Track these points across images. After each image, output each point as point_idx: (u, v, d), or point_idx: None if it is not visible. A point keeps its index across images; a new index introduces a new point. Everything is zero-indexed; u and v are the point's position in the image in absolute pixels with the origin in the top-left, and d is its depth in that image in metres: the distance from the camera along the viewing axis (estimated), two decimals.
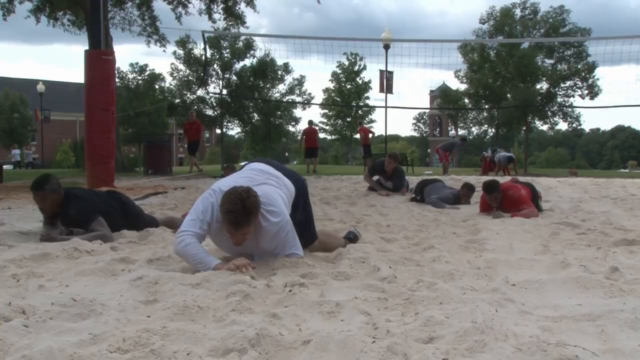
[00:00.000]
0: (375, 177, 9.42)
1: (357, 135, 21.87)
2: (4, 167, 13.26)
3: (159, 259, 3.38)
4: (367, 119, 48.59)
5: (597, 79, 36.85)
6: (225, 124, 45.71)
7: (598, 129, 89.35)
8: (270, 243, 3.24)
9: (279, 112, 45.10)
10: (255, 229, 3.09)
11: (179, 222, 5.11)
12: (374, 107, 47.14)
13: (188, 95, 44.09)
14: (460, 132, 46.03)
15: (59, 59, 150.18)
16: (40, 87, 38.60)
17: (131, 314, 2.30)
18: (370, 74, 47.63)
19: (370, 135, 22.30)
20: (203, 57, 35.37)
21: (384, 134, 26.15)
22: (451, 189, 7.81)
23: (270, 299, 2.55)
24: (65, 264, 3.41)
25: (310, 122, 21.73)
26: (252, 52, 41.87)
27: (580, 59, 36.95)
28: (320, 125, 46.91)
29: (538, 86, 38.49)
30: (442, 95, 45.35)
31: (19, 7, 18.50)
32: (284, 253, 3.27)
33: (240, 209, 2.86)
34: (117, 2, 19.28)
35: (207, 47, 20.06)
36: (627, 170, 40.75)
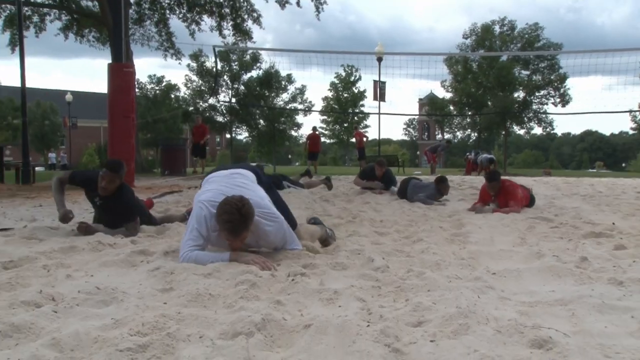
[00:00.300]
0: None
1: (353, 139, 21.76)
2: (36, 168, 13.24)
3: (174, 251, 3.38)
4: (362, 124, 48.55)
5: (568, 88, 37.64)
6: (234, 129, 45.81)
7: (569, 133, 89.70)
8: (270, 242, 3.18)
9: (283, 119, 45.19)
10: (252, 230, 2.99)
11: (174, 216, 5.14)
12: (369, 113, 47.02)
13: (201, 104, 44.15)
14: (446, 136, 46.00)
15: (85, 72, 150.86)
16: (69, 97, 38.70)
17: (149, 301, 2.31)
18: (365, 83, 47.71)
19: (365, 139, 22.26)
20: (214, 69, 35.55)
21: (377, 138, 26.21)
22: (429, 184, 7.72)
23: (275, 287, 2.56)
24: (90, 256, 3.41)
25: (314, 129, 21.77)
26: (258, 64, 42.09)
27: (552, 70, 37.37)
28: (320, 130, 46.89)
29: (515, 95, 38.82)
30: (430, 103, 45.54)
31: (50, 26, 18.78)
32: (286, 248, 3.23)
33: (238, 218, 2.78)
34: (137, 20, 19.35)
35: (217, 60, 20.22)
36: (594, 170, 40.88)
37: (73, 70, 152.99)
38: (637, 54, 26.86)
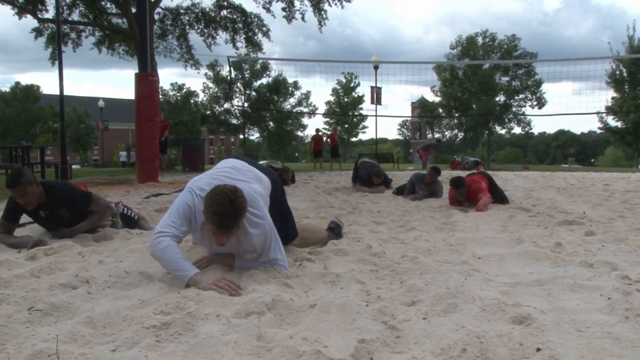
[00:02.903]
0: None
1: (328, 139, 21.14)
2: (73, 166, 13.29)
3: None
4: (360, 125, 48.51)
5: (543, 92, 37.87)
6: (247, 130, 45.88)
7: (544, 133, 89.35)
8: (253, 246, 2.49)
9: (290, 121, 45.44)
10: (239, 230, 2.38)
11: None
12: (367, 116, 46.87)
13: (217, 108, 44.25)
14: (436, 135, 45.87)
15: (115, 81, 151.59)
16: (101, 103, 38.86)
17: (171, 284, 2.30)
18: (363, 89, 47.32)
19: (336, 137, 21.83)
20: (228, 77, 35.53)
21: (374, 137, 26.17)
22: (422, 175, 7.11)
23: (284, 271, 2.55)
24: (120, 244, 3.42)
25: (317, 130, 22.02)
26: (267, 72, 42.31)
27: (529, 76, 37.65)
28: (324, 130, 46.91)
29: (497, 98, 38.95)
30: (421, 106, 45.52)
31: (85, 41, 19.06)
32: (267, 258, 2.51)
33: (229, 212, 2.17)
34: (161, 35, 19.49)
35: (231, 69, 20.18)
36: (567, 166, 40.73)
37: (104, 79, 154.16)
38: (602, 62, 27.07)
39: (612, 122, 31.87)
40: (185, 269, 2.26)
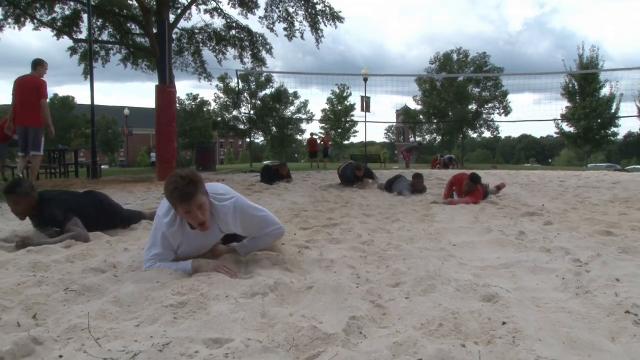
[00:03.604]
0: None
1: (322, 142, 21.12)
2: (102, 167, 13.21)
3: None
4: (352, 130, 48.49)
5: (509, 102, 38.32)
6: (252, 134, 45.85)
7: (510, 137, 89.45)
8: (229, 225, 2.22)
9: (290, 126, 45.41)
10: (212, 213, 2.17)
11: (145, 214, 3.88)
12: (357, 122, 46.79)
13: (226, 115, 44.15)
14: (418, 139, 45.90)
15: (138, 92, 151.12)
16: (126, 111, 38.71)
17: None
18: (354, 98, 47.33)
19: (330, 143, 22.03)
20: (237, 88, 35.51)
21: (364, 141, 26.17)
22: (409, 181, 7.26)
23: (285, 258, 2.54)
24: (142, 234, 3.39)
25: (312, 134, 22.20)
26: (271, 84, 42.28)
27: (497, 88, 38.00)
28: (320, 135, 46.86)
29: (470, 107, 39.04)
30: (404, 113, 45.63)
31: (113, 58, 19.22)
32: (265, 232, 2.31)
33: (181, 181, 2.00)
34: (178, 52, 19.59)
35: (239, 81, 20.17)
36: (529, 165, 41.15)
37: (129, 91, 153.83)
38: (557, 77, 27.45)
39: (567, 128, 32.19)
40: (185, 264, 2.13)
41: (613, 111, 30.74)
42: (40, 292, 1.85)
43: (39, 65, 6.84)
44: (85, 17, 16.58)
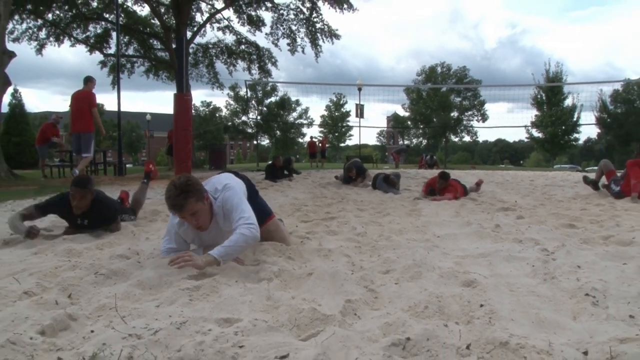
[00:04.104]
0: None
1: (320, 144, 21.24)
2: (127, 165, 13.22)
3: None
4: (347, 134, 48.43)
5: (486, 110, 38.62)
6: (259, 137, 45.84)
7: (487, 141, 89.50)
8: (224, 223, 2.12)
9: (293, 130, 45.42)
10: (212, 212, 2.08)
11: (140, 200, 3.89)
12: (352, 126, 46.74)
13: (236, 120, 44.15)
14: (406, 142, 45.91)
15: (159, 99, 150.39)
16: (148, 117, 38.52)
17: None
18: (350, 106, 47.28)
19: (327, 145, 22.12)
20: (245, 96, 35.51)
21: (358, 143, 26.18)
22: (384, 175, 6.88)
23: (287, 247, 2.53)
24: (161, 225, 3.38)
25: (311, 137, 22.40)
26: (275, 93, 42.30)
27: (475, 98, 38.08)
28: (319, 138, 46.89)
29: (452, 114, 39.05)
30: (394, 119, 45.52)
31: (137, 69, 19.50)
32: (235, 219, 2.02)
33: (173, 191, 1.94)
34: (194, 64, 19.70)
35: (247, 90, 20.20)
36: (503, 166, 41.21)
37: (151, 98, 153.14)
38: (528, 89, 27.64)
39: (536, 133, 32.35)
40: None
41: (575, 119, 31.01)
42: (74, 275, 1.85)
43: (89, 80, 7.41)
44: (114, 34, 16.85)
